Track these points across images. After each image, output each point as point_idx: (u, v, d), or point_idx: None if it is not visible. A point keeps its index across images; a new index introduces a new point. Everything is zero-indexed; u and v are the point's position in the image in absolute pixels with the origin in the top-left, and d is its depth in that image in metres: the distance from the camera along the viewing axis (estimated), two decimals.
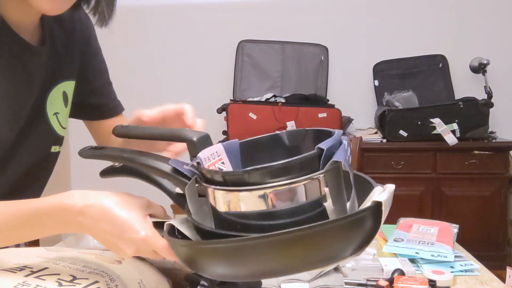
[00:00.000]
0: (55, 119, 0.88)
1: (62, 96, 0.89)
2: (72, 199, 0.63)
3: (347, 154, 0.55)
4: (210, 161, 0.62)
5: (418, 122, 2.79)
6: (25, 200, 0.66)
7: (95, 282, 0.68)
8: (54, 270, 0.70)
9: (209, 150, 0.63)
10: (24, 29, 0.81)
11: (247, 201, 0.54)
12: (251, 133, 0.71)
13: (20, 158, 0.84)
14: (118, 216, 0.62)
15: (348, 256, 0.54)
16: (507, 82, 3.14)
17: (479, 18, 3.18)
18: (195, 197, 0.60)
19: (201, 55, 3.31)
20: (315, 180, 0.52)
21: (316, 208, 0.53)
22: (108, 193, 0.64)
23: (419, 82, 3.12)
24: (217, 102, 2.97)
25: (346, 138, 0.58)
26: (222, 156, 0.64)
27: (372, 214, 0.53)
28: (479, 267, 1.04)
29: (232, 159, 0.65)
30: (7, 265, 0.71)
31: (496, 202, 2.78)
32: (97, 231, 0.63)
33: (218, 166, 0.64)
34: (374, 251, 1.07)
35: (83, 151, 0.75)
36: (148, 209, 0.66)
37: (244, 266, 0.54)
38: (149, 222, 0.63)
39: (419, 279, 0.87)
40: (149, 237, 0.61)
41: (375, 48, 3.21)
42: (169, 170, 0.64)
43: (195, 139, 0.65)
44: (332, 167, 0.52)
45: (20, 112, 0.81)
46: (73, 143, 3.40)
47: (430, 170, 2.81)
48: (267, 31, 3.20)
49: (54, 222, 0.64)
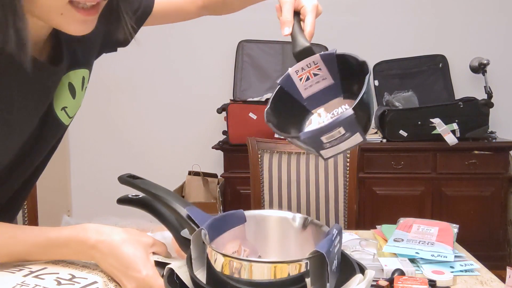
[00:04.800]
0: (64, 113, 0.86)
1: (68, 89, 0.86)
2: (87, 234, 0.71)
3: (332, 244, 0.62)
4: (304, 70, 0.75)
5: (418, 122, 2.79)
6: (41, 229, 0.73)
7: (94, 282, 0.68)
8: (53, 270, 0.70)
9: (306, 61, 0.75)
10: (35, 44, 0.77)
11: (239, 269, 0.61)
12: (251, 133, 0.73)
13: (32, 158, 0.84)
14: (124, 254, 0.70)
15: None
16: (507, 82, 3.14)
17: (479, 18, 3.18)
18: (199, 244, 0.67)
19: (201, 55, 3.31)
20: (297, 263, 0.61)
21: (297, 284, 0.61)
22: (118, 231, 0.72)
23: (419, 82, 3.12)
24: (217, 102, 2.97)
25: (338, 227, 0.66)
26: (320, 64, 0.75)
27: None
28: (479, 267, 1.04)
29: (330, 66, 0.76)
30: (6, 266, 0.71)
31: (496, 202, 2.78)
32: (106, 264, 0.71)
33: (314, 72, 0.75)
34: (374, 251, 1.07)
35: (122, 177, 0.85)
36: (152, 247, 0.74)
37: None
38: (151, 262, 0.71)
39: (419, 279, 0.87)
40: (149, 276, 0.69)
41: (375, 48, 3.21)
42: (185, 215, 0.72)
43: (295, 51, 0.77)
44: (314, 256, 0.60)
45: (30, 127, 0.80)
46: (73, 143, 3.40)
47: (430, 170, 2.81)
48: (267, 31, 3.19)
49: (69, 252, 0.72)
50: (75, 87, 0.88)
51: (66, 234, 0.72)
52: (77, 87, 0.88)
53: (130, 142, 3.36)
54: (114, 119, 3.39)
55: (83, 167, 3.44)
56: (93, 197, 3.34)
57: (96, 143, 3.41)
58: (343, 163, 1.81)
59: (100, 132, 3.40)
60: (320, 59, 0.75)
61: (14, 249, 0.72)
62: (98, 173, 3.37)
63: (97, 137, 3.41)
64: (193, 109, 3.30)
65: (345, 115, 0.64)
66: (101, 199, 2.69)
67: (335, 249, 0.63)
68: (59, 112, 0.85)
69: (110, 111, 3.36)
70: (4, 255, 0.72)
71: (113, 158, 3.35)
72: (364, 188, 2.82)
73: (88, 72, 0.91)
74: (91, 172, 3.41)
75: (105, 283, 0.69)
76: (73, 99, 0.88)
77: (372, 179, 2.82)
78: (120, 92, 3.33)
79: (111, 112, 3.37)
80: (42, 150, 0.86)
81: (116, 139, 3.37)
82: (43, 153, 0.87)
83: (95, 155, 3.42)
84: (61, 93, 0.84)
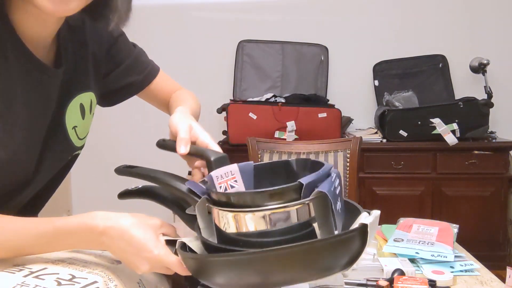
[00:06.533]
0: (74, 133, 0.90)
1: (80, 109, 0.90)
2: (95, 221, 0.70)
3: (333, 185, 0.64)
4: (223, 178, 0.72)
5: (418, 122, 2.79)
6: (46, 219, 0.72)
7: (94, 282, 0.68)
8: (53, 270, 0.70)
9: (223, 169, 0.73)
10: (40, 45, 0.80)
11: (246, 222, 0.63)
12: (251, 133, 0.74)
13: (41, 176, 0.85)
14: (134, 237, 0.69)
15: (337, 271, 0.62)
16: (507, 82, 3.14)
17: (479, 18, 3.18)
18: (204, 214, 0.69)
19: (201, 55, 3.31)
20: (305, 205, 0.62)
21: (306, 228, 0.63)
22: (125, 215, 0.71)
23: (419, 82, 3.11)
24: (217, 102, 2.97)
25: (336, 171, 0.68)
26: (236, 175, 0.74)
27: (359, 234, 0.61)
28: (479, 267, 1.04)
29: (246, 179, 0.75)
30: (6, 266, 0.71)
31: (496, 202, 2.78)
32: (116, 249, 0.70)
33: (230, 183, 0.73)
34: (374, 251, 1.07)
35: (119, 168, 0.84)
36: (161, 228, 0.73)
37: (245, 277, 0.62)
38: (161, 241, 0.71)
39: (419, 279, 0.87)
40: (162, 255, 0.69)
41: (375, 48, 3.21)
42: (186, 189, 0.73)
43: (212, 159, 0.74)
44: (317, 196, 0.62)
45: (40, 133, 0.82)
46: None
47: (430, 170, 2.81)
48: (267, 31, 3.20)
49: (77, 240, 0.72)
50: (85, 108, 0.93)
51: (73, 222, 0.71)
52: (87, 108, 0.93)
53: (130, 142, 3.36)
54: (114, 119, 3.39)
55: (83, 167, 3.44)
56: (93, 197, 3.34)
57: (96, 143, 3.41)
58: (343, 163, 1.81)
59: (100, 132, 3.40)
60: (238, 170, 0.75)
61: (17, 242, 0.71)
62: (98, 173, 3.37)
63: (97, 137, 3.41)
64: None
65: None
66: (101, 199, 2.68)
67: (336, 190, 0.64)
68: (70, 130, 0.89)
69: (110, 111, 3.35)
70: (8, 249, 0.71)
71: (113, 158, 3.34)
72: (364, 188, 2.82)
73: (95, 96, 0.95)
74: (91, 172, 3.41)
75: (105, 282, 0.69)
76: (82, 120, 0.92)
77: (372, 179, 2.82)
78: None
79: (111, 112, 3.37)
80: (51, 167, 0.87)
81: (116, 139, 3.37)
82: (53, 169, 0.88)
83: (95, 155, 3.42)
84: (72, 112, 0.89)
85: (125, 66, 1.03)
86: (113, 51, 0.99)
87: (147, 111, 3.36)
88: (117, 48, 1.00)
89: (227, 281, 0.64)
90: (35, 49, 0.78)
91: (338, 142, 1.90)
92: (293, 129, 2.77)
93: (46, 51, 0.82)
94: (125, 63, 1.03)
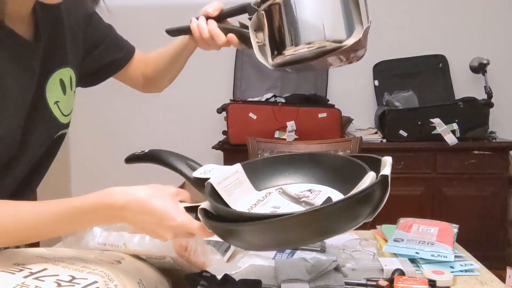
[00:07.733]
0: (57, 108, 0.90)
1: (60, 84, 0.91)
2: (113, 197, 0.71)
3: None
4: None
5: (418, 122, 2.79)
6: (63, 200, 0.72)
7: (94, 282, 0.68)
8: (53, 271, 0.70)
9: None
10: (19, 21, 0.81)
11: None
12: (251, 133, 0.75)
13: (28, 152, 0.85)
14: (155, 207, 0.70)
15: (361, 222, 0.66)
16: (507, 82, 3.14)
17: (479, 18, 3.18)
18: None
19: (201, 55, 3.29)
20: None
21: None
22: (142, 187, 0.72)
23: (419, 82, 3.11)
24: (217, 102, 2.97)
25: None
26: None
27: (381, 186, 0.66)
28: (479, 267, 1.04)
29: None
30: (6, 266, 0.71)
31: (496, 202, 2.78)
32: (138, 222, 0.71)
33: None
34: (374, 251, 1.07)
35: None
36: (178, 196, 0.74)
37: (277, 238, 0.65)
38: (181, 209, 0.71)
39: (419, 279, 0.87)
40: (184, 221, 0.70)
41: (375, 48, 3.20)
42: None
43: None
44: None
45: (23, 108, 0.82)
46: (73, 143, 3.40)
47: (430, 170, 2.80)
48: None
49: (96, 217, 0.72)
50: (65, 84, 0.93)
51: (91, 199, 0.71)
52: (67, 84, 0.93)
53: (130, 142, 3.36)
54: (114, 119, 3.40)
55: (83, 167, 3.44)
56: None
57: (96, 143, 3.41)
58: None
59: (100, 132, 3.40)
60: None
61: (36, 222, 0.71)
62: (98, 173, 3.37)
63: (97, 137, 3.41)
64: (193, 109, 3.30)
65: None
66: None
67: None
68: (52, 105, 0.88)
69: (110, 111, 3.36)
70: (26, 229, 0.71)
71: (113, 158, 3.34)
72: None
73: (74, 73, 0.96)
74: (91, 172, 3.41)
75: (105, 282, 0.69)
76: (64, 95, 0.92)
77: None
78: (120, 92, 3.32)
79: (111, 112, 3.37)
80: (38, 143, 0.87)
81: (116, 139, 3.37)
82: (40, 145, 0.88)
83: (95, 155, 3.42)
84: (53, 88, 0.89)
85: (107, 44, 1.06)
86: (90, 29, 1.01)
87: (147, 110, 3.36)
88: (94, 26, 1.02)
89: (257, 243, 0.68)
90: (13, 23, 0.80)
91: (338, 142, 1.90)
92: (293, 129, 2.77)
93: (25, 27, 0.84)
94: (105, 41, 1.05)
